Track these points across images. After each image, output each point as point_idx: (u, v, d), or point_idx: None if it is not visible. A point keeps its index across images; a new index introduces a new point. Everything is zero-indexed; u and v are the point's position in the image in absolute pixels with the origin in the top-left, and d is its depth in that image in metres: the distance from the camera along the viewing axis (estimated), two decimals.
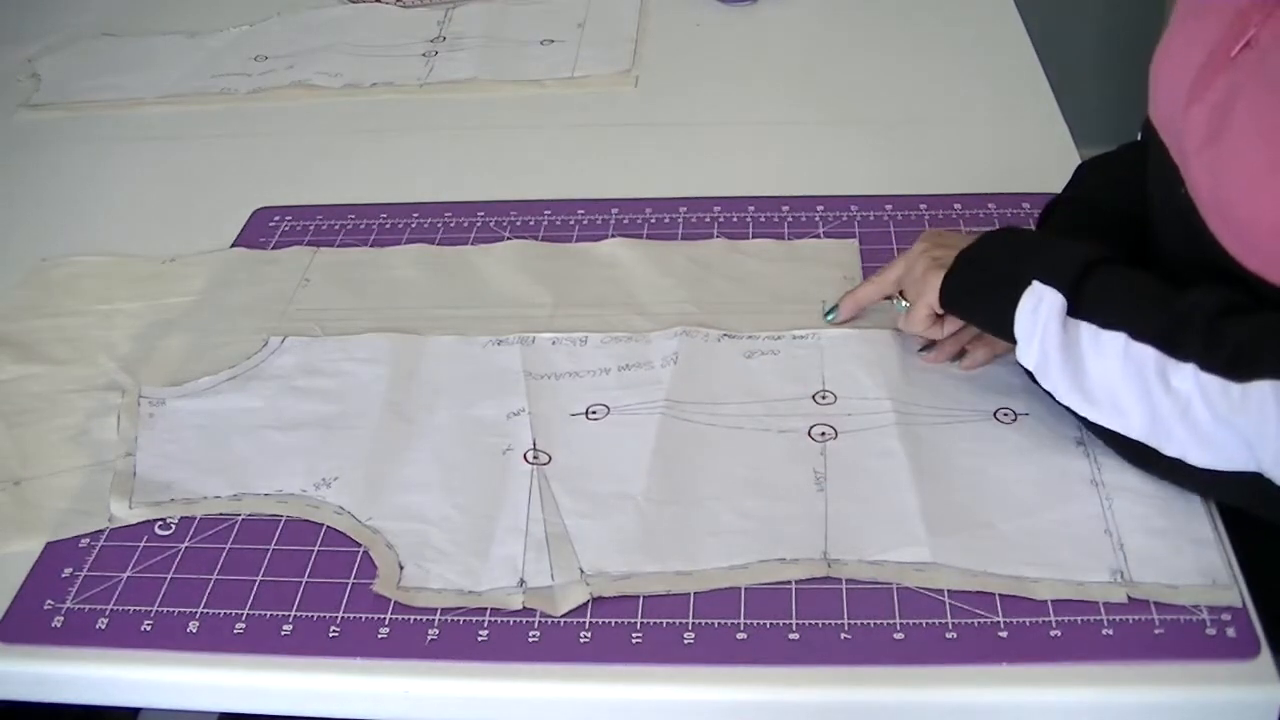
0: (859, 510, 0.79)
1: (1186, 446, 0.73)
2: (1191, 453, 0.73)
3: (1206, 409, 0.71)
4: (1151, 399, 0.73)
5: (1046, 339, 0.77)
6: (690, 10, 1.49)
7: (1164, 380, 0.72)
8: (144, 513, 0.83)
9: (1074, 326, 0.76)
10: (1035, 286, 0.77)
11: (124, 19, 1.58)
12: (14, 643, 0.76)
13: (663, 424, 0.86)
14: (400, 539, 0.80)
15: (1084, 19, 2.33)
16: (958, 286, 0.83)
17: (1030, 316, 0.77)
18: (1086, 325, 0.76)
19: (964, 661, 0.69)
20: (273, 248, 1.10)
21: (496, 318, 0.99)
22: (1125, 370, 0.74)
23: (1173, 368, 0.72)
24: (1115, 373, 0.74)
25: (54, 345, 1.00)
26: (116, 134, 1.32)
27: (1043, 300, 0.77)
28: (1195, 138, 0.77)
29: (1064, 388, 0.77)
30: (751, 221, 1.07)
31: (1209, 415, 0.71)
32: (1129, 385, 0.74)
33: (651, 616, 0.73)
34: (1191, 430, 0.72)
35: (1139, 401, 0.73)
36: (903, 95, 1.27)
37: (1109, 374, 0.75)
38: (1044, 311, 0.77)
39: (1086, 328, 0.76)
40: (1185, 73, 0.79)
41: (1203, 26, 0.79)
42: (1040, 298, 0.77)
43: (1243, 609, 0.70)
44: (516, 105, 1.32)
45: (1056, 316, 0.76)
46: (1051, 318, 0.76)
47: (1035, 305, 0.77)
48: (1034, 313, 0.77)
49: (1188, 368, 0.71)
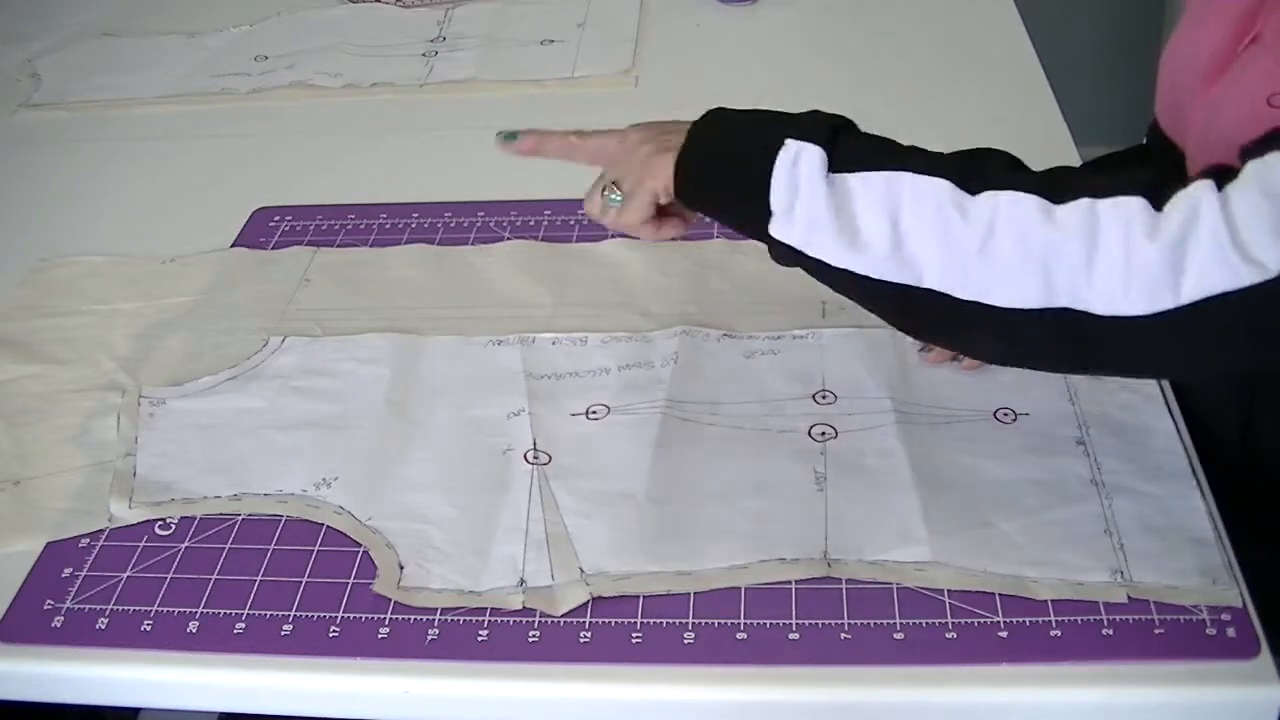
0: (859, 510, 0.79)
1: (987, 283, 0.66)
2: (993, 290, 0.65)
3: (1014, 235, 0.65)
4: (948, 230, 0.66)
5: (813, 198, 0.69)
6: (690, 10, 1.49)
7: (961, 209, 0.66)
8: (144, 513, 0.83)
9: (842, 181, 0.69)
10: (789, 144, 0.70)
11: (124, 19, 1.58)
12: (14, 643, 0.76)
13: (663, 424, 0.86)
14: (400, 539, 0.80)
15: (1084, 19, 2.33)
16: (693, 166, 0.75)
17: (788, 177, 0.70)
18: (857, 175, 0.69)
19: (964, 661, 0.69)
20: (273, 248, 1.10)
21: (496, 318, 0.99)
22: (915, 206, 0.67)
23: (970, 199, 0.66)
24: (899, 213, 0.67)
25: (54, 345, 1.00)
26: (116, 134, 1.32)
27: (800, 157, 0.70)
28: (1198, 128, 0.77)
29: (841, 247, 0.69)
30: None
31: (1016, 242, 0.64)
32: (919, 222, 0.67)
33: (651, 616, 0.73)
34: (992, 261, 0.65)
35: (931, 240, 0.67)
36: (903, 95, 1.27)
37: (890, 218, 0.68)
38: (804, 167, 0.70)
39: (857, 177, 0.69)
40: (1191, 72, 0.79)
41: (1208, 26, 0.79)
42: (797, 155, 0.70)
43: (1243, 609, 0.70)
44: (516, 105, 1.32)
45: (820, 170, 0.69)
46: (815, 172, 0.69)
47: (792, 163, 0.70)
48: (791, 171, 0.70)
49: (990, 195, 0.66)
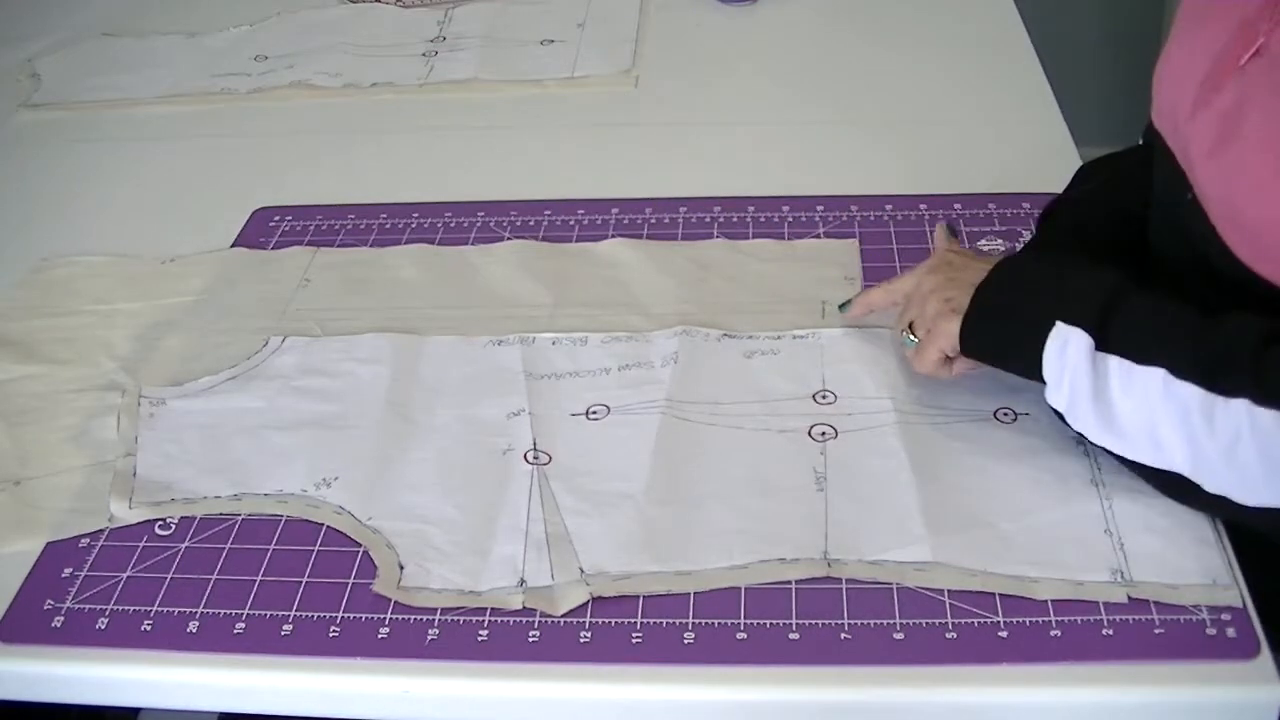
0: (859, 510, 0.79)
1: (1230, 486, 0.70)
2: (1236, 492, 0.70)
3: (1256, 447, 0.68)
4: (1195, 438, 0.70)
5: (1075, 381, 0.74)
6: (690, 10, 1.49)
7: (1209, 419, 0.69)
8: (144, 513, 0.83)
9: (1103, 363, 0.73)
10: (1059, 328, 0.74)
11: (124, 19, 1.58)
12: (14, 643, 0.76)
13: (663, 424, 0.86)
14: (400, 539, 0.80)
15: (1084, 19, 2.33)
16: (976, 334, 0.80)
17: (1057, 359, 0.75)
18: (1118, 361, 0.73)
19: (964, 661, 0.69)
20: (273, 248, 1.10)
21: (496, 318, 0.99)
22: (1166, 408, 0.71)
23: (1220, 405, 0.69)
24: (1153, 410, 0.71)
25: (54, 345, 1.00)
26: (116, 134, 1.32)
27: (1069, 342, 0.74)
28: (1203, 144, 0.77)
29: (1096, 429, 0.74)
30: (751, 221, 1.07)
31: (1257, 454, 0.68)
32: (1169, 423, 0.71)
33: (651, 616, 0.73)
34: (1239, 470, 0.69)
35: (1181, 440, 0.71)
36: (903, 95, 1.27)
37: (1145, 412, 0.72)
38: (1071, 354, 0.74)
39: (1118, 364, 0.73)
40: (1190, 80, 0.79)
41: (1207, 34, 0.79)
42: (1066, 340, 0.74)
43: (1243, 609, 0.70)
44: (516, 105, 1.32)
45: (1085, 357, 0.73)
46: (1080, 359, 0.73)
47: (1061, 348, 0.74)
48: (1060, 355, 0.74)
49: (1237, 404, 0.68)
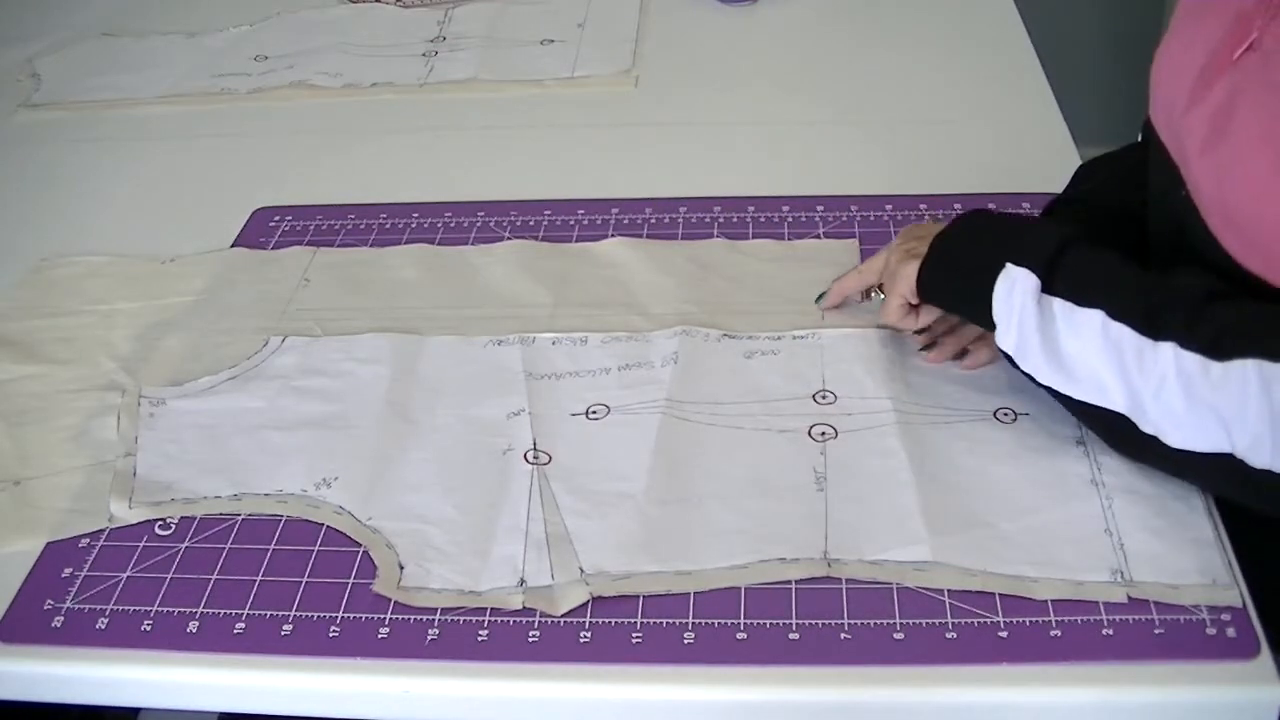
0: (859, 510, 0.79)
1: (1161, 425, 0.72)
2: (1167, 433, 0.72)
3: (1181, 389, 0.70)
4: (1128, 377, 0.73)
5: (1023, 320, 0.77)
6: (690, 10, 1.49)
7: (1140, 359, 0.72)
8: (144, 513, 0.83)
9: (1048, 304, 0.77)
10: (1008, 269, 0.78)
11: (124, 19, 1.58)
12: (14, 643, 0.76)
13: (663, 424, 0.86)
14: (400, 539, 0.80)
15: (1084, 19, 2.33)
16: (932, 276, 0.85)
17: (1005, 299, 0.78)
18: (1061, 303, 0.76)
19: (964, 661, 0.70)
20: (273, 248, 1.10)
21: (496, 318, 0.99)
22: (1103, 348, 0.74)
23: (1149, 347, 0.72)
24: (1092, 350, 0.74)
25: (54, 345, 1.00)
26: (116, 134, 1.32)
27: (1016, 282, 0.77)
28: (1197, 140, 0.77)
29: (1044, 367, 0.77)
30: (751, 221, 1.07)
31: (1183, 395, 0.70)
32: (1106, 362, 0.74)
33: (651, 616, 0.73)
34: (1166, 410, 0.72)
35: (1117, 379, 0.74)
36: (903, 95, 1.27)
37: (1086, 351, 0.75)
38: (1018, 293, 0.77)
39: (1061, 305, 0.76)
40: (1185, 75, 0.79)
41: (1203, 29, 0.79)
42: (1014, 280, 0.78)
43: (1243, 609, 0.70)
44: (516, 105, 1.32)
45: (1031, 296, 0.77)
46: (1027, 298, 0.77)
47: (1010, 288, 0.78)
48: (1009, 295, 0.78)
49: (1165, 346, 0.71)
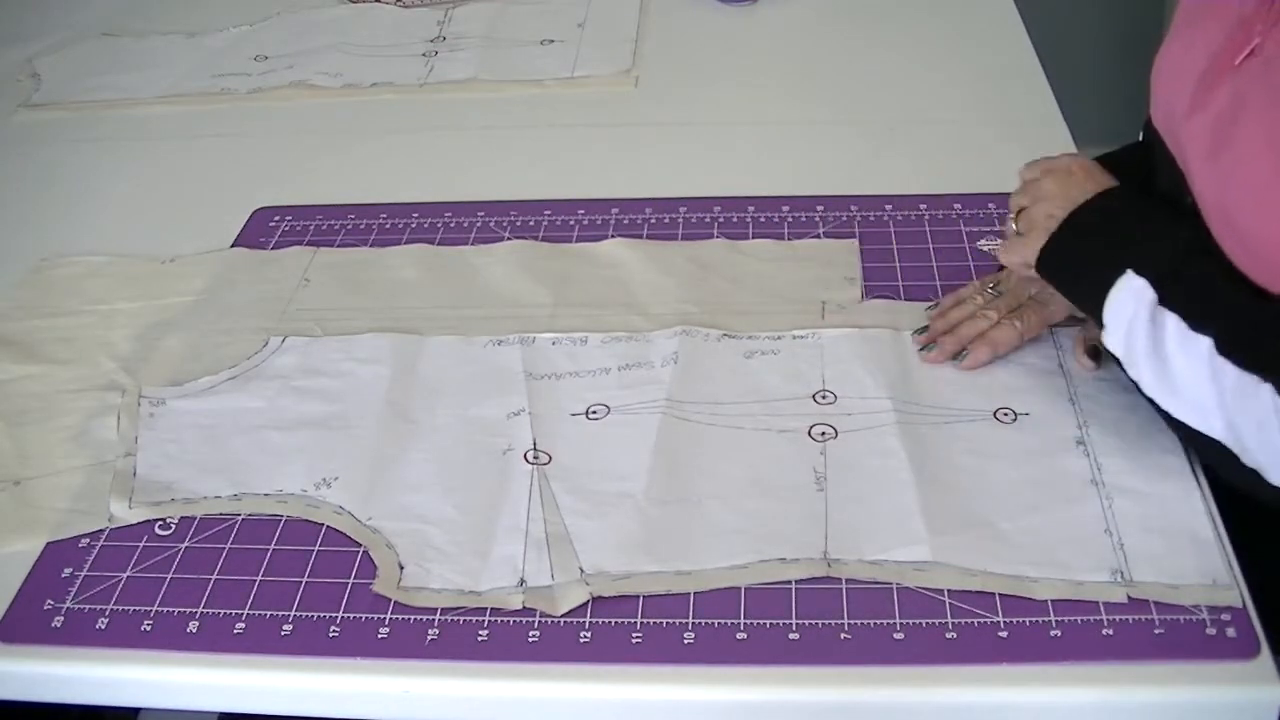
0: (859, 510, 0.79)
1: (1261, 462, 0.71)
2: (1268, 471, 0.71)
3: None
4: (1231, 412, 0.72)
5: (1133, 330, 0.76)
6: (690, 10, 1.49)
7: (1241, 396, 0.71)
8: (144, 513, 0.83)
9: (1162, 318, 0.75)
10: (1129, 277, 0.76)
11: (124, 19, 1.58)
12: (14, 643, 0.76)
13: (663, 424, 0.86)
14: (400, 539, 0.80)
15: (1084, 19, 2.33)
16: (1054, 256, 0.82)
17: (1119, 308, 0.77)
18: (1175, 319, 0.74)
19: (964, 661, 0.69)
20: (273, 248, 1.10)
21: (496, 318, 0.99)
22: (1209, 376, 0.72)
23: (1251, 385, 0.70)
24: (1198, 375, 0.73)
25: (54, 345, 1.00)
26: (116, 134, 1.32)
27: (1133, 292, 0.76)
28: (1199, 147, 0.77)
29: (1149, 379, 0.76)
30: (751, 221, 1.07)
31: None
32: (1211, 393, 0.72)
33: (651, 616, 0.73)
34: (1266, 449, 0.70)
35: (1219, 410, 0.72)
36: (903, 95, 1.27)
37: (1192, 373, 0.73)
38: (1132, 302, 0.76)
39: (1175, 322, 0.74)
40: (1186, 81, 0.79)
41: (1203, 34, 0.79)
42: (1132, 290, 0.76)
43: (1243, 609, 0.70)
44: (516, 105, 1.32)
45: (1146, 309, 0.75)
46: (1140, 309, 0.75)
47: (1126, 296, 0.76)
48: (1123, 304, 0.76)
49: (1266, 389, 0.69)
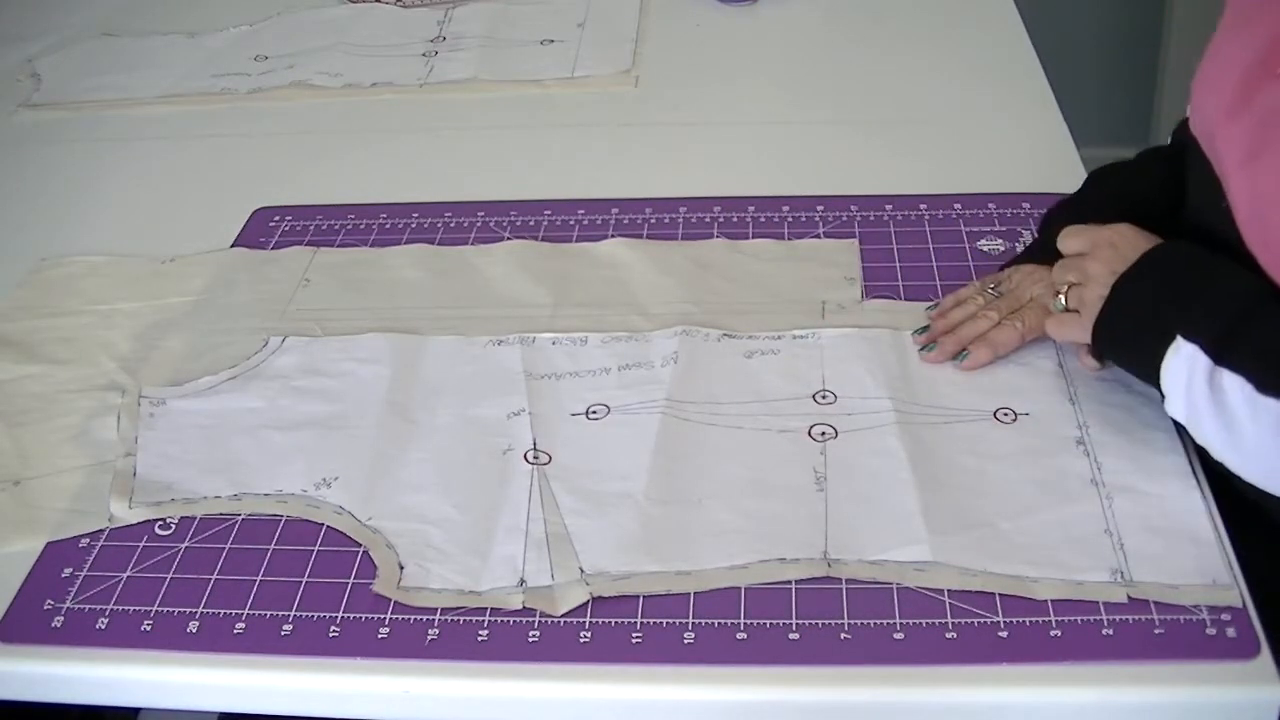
0: (859, 510, 0.79)
1: None
2: None
3: None
4: None
5: (1194, 398, 0.73)
6: (690, 10, 1.49)
7: None
8: (144, 513, 0.83)
9: (1221, 379, 0.72)
10: (1178, 344, 0.74)
11: (124, 19, 1.58)
12: (14, 643, 0.76)
13: (663, 424, 0.86)
14: (400, 539, 0.80)
15: (1084, 19, 2.33)
16: (1106, 333, 0.79)
17: (1174, 376, 0.74)
18: (1237, 380, 0.71)
19: (964, 661, 0.69)
20: (273, 248, 1.10)
21: (496, 318, 0.99)
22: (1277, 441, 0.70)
23: None
24: (1269, 438, 0.70)
25: (54, 345, 1.00)
26: (116, 134, 1.32)
27: (1184, 357, 0.73)
28: (1236, 153, 0.76)
29: (1218, 446, 0.73)
30: (751, 221, 1.07)
31: None
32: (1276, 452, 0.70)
33: (651, 616, 0.73)
34: None
35: None
36: (903, 95, 1.27)
37: (1264, 438, 0.70)
38: (1185, 371, 0.73)
39: (1237, 384, 0.71)
40: (1226, 88, 0.78)
41: (1245, 43, 0.78)
42: (1182, 355, 0.73)
43: (1243, 609, 0.70)
44: (516, 105, 1.32)
45: (1202, 374, 0.72)
46: (1196, 375, 0.73)
47: (1177, 364, 0.74)
48: (1177, 371, 0.74)
49: None
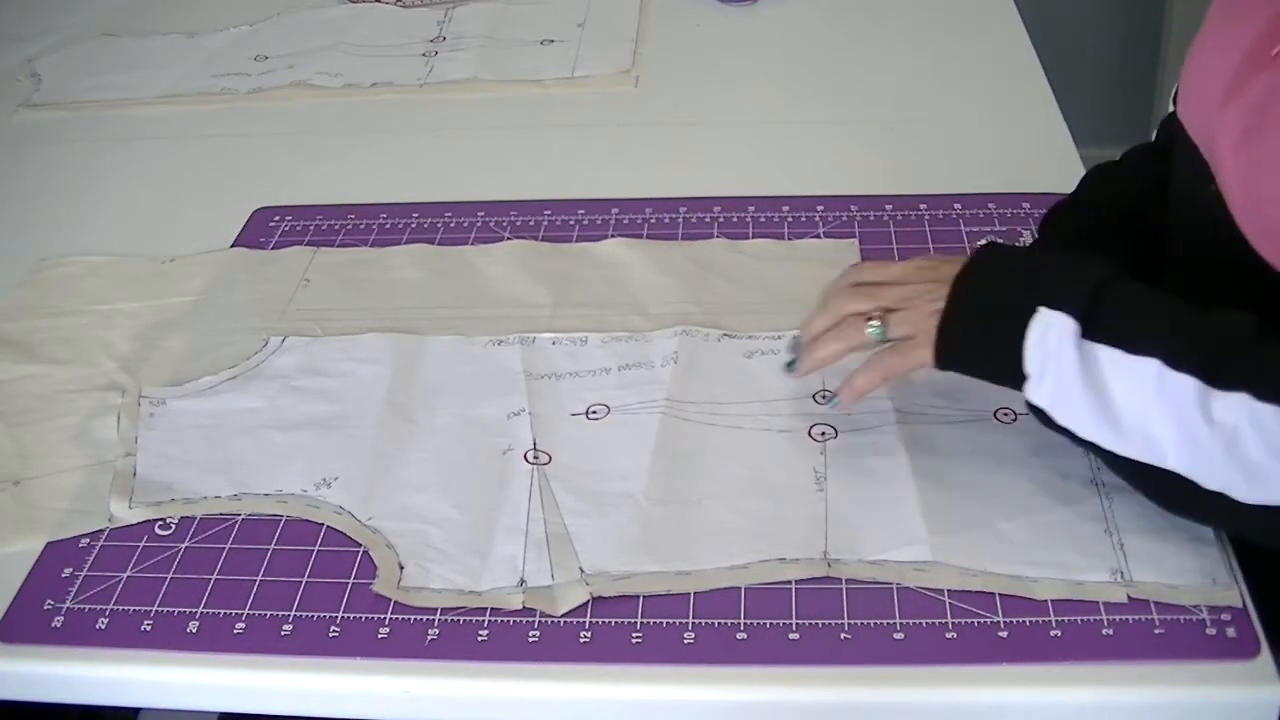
0: (859, 510, 0.79)
1: (1232, 481, 0.67)
2: (1238, 488, 0.67)
3: (1259, 440, 0.65)
4: (1192, 431, 0.67)
5: (1062, 369, 0.70)
6: (690, 10, 1.49)
7: (1206, 411, 0.66)
8: (144, 513, 0.83)
9: (1091, 351, 0.70)
10: (1042, 313, 0.71)
11: (124, 19, 1.58)
12: (14, 643, 0.76)
13: (663, 424, 0.86)
14: (400, 539, 0.80)
15: (1084, 19, 2.33)
16: (955, 335, 0.75)
17: (1039, 347, 0.71)
18: (1107, 350, 0.70)
19: (964, 661, 0.70)
20: (273, 248, 1.10)
21: (496, 318, 0.99)
22: (1160, 400, 0.68)
23: (1217, 397, 0.66)
24: (1147, 402, 0.68)
25: (54, 345, 1.00)
26: (116, 134, 1.32)
27: (1052, 327, 0.70)
28: (1231, 136, 0.75)
29: (1089, 420, 0.70)
30: (751, 221, 1.07)
31: (1262, 446, 0.65)
32: (1164, 416, 0.68)
33: (651, 616, 0.73)
34: (1240, 464, 0.66)
35: (1176, 433, 0.68)
36: (903, 95, 1.27)
37: (1139, 403, 0.69)
38: (1053, 339, 0.70)
39: (1107, 352, 0.70)
40: (1222, 71, 0.78)
41: (1240, 26, 0.78)
42: (1049, 325, 0.71)
43: (1243, 609, 0.70)
44: (516, 105, 1.32)
45: (1071, 343, 0.70)
46: (1065, 344, 0.70)
47: (1043, 334, 0.71)
48: (1043, 342, 0.71)
49: (1235, 396, 0.66)
